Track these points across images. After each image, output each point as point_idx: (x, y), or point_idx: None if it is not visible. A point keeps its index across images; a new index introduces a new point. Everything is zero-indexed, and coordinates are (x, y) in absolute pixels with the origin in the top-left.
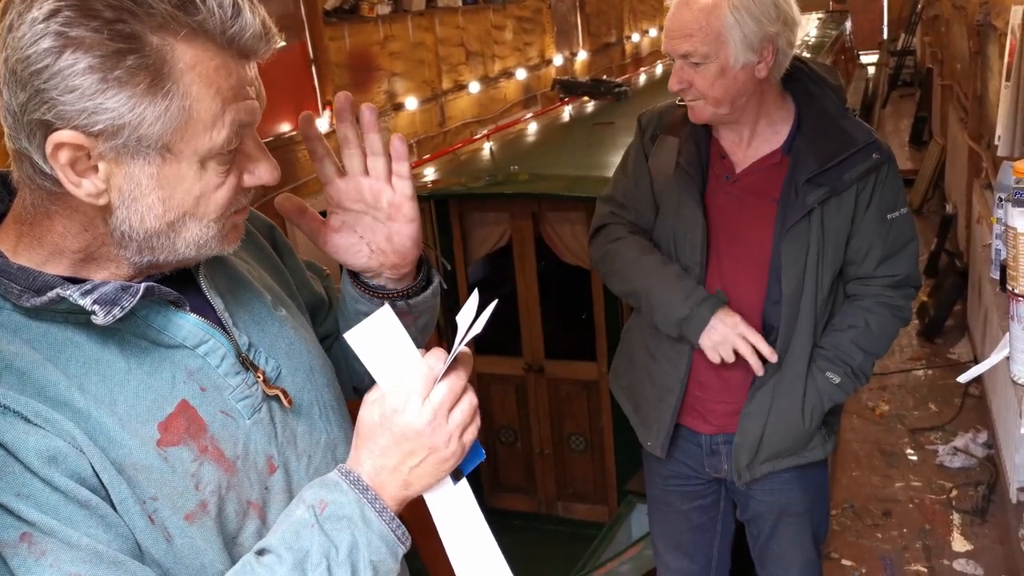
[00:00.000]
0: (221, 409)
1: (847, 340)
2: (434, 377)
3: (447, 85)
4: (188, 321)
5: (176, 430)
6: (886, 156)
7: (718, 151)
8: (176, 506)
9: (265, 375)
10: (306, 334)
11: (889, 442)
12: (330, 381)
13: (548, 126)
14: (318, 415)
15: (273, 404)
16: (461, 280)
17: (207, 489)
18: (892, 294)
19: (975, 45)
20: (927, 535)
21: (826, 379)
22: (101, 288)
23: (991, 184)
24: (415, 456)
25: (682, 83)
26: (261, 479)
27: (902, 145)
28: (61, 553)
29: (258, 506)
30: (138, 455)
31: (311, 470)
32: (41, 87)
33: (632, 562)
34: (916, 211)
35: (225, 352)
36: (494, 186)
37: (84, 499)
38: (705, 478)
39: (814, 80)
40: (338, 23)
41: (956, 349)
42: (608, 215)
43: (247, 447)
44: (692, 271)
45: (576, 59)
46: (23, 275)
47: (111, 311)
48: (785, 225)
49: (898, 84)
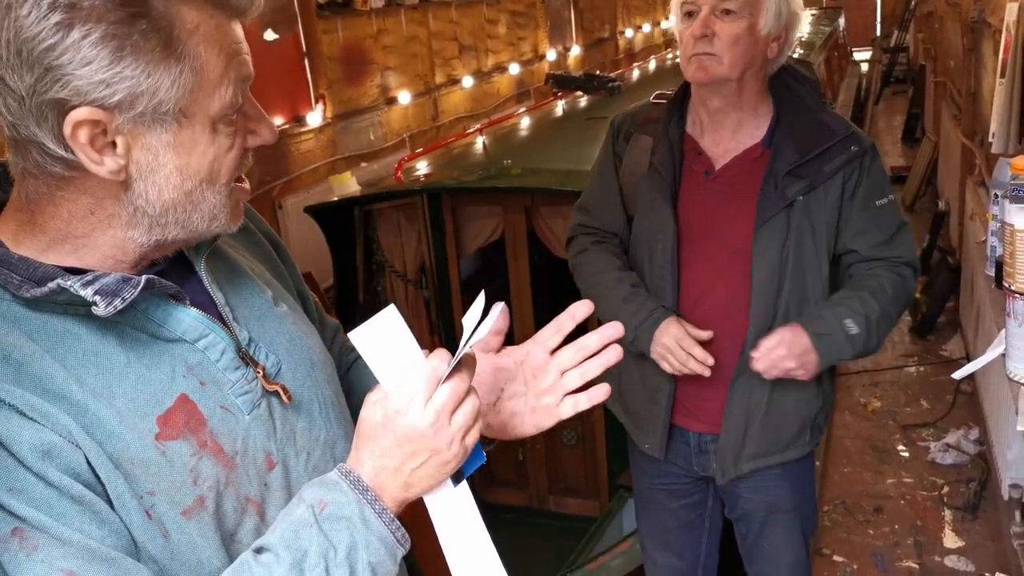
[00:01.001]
0: (220, 404)
1: (866, 292)
2: (438, 378)
3: (440, 79)
4: (188, 315)
5: (175, 424)
6: (866, 147)
7: (694, 148)
8: (174, 501)
9: (265, 371)
10: (307, 329)
11: (881, 438)
12: (330, 377)
13: (541, 121)
14: (318, 411)
15: (272, 400)
16: (453, 275)
17: (205, 484)
18: (899, 267)
19: (969, 42)
20: (918, 531)
21: (843, 328)
22: (102, 279)
23: (984, 181)
24: (417, 457)
25: (707, 30)
26: (260, 475)
27: (895, 142)
28: (53, 549)
29: (256, 503)
30: (136, 449)
31: (310, 467)
32: (53, 64)
33: (623, 556)
34: (908, 208)
35: (225, 347)
36: (487, 180)
37: (78, 494)
38: (693, 476)
39: (793, 75)
40: (331, 16)
41: (948, 346)
42: (575, 226)
43: (246, 443)
44: (665, 270)
45: (569, 54)
46: (23, 265)
47: (112, 302)
48: (763, 216)
49: (891, 81)
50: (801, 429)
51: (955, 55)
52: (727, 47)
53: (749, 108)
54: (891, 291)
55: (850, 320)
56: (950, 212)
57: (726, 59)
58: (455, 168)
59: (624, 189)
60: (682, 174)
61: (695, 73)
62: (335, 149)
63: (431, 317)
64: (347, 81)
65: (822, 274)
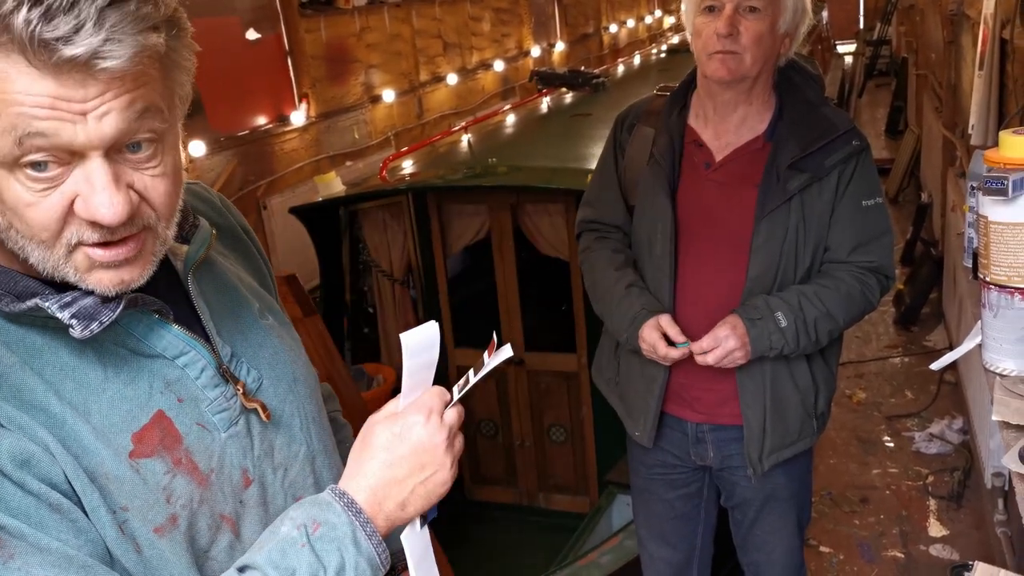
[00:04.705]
0: (197, 421)
1: (812, 290)
2: (446, 402)
3: (424, 77)
4: (170, 332)
5: (150, 441)
6: (864, 144)
7: (694, 140)
8: (146, 518)
9: (245, 387)
10: (291, 343)
11: (866, 429)
12: (312, 392)
13: (526, 118)
14: (299, 427)
15: (252, 417)
16: (440, 273)
17: (178, 503)
18: (864, 275)
19: (949, 35)
20: (904, 521)
21: (773, 318)
22: (80, 301)
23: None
24: (424, 471)
25: (731, 28)
26: (235, 493)
27: (878, 134)
28: (30, 557)
29: (232, 520)
30: (110, 465)
31: (287, 483)
32: None
33: (613, 552)
34: (892, 200)
35: (205, 364)
36: (472, 178)
37: (56, 503)
38: (690, 466)
39: (795, 69)
40: (314, 15)
41: (932, 337)
42: (580, 222)
43: (222, 460)
44: (664, 261)
45: (554, 50)
46: (6, 278)
47: (88, 326)
48: (765, 209)
49: (874, 74)
50: (805, 417)
51: (936, 48)
52: (751, 45)
53: (756, 102)
54: (844, 295)
55: (781, 313)
56: (933, 204)
57: (748, 57)
58: (440, 167)
59: (625, 180)
60: (682, 165)
61: (717, 70)
62: (319, 148)
63: (418, 316)
64: (331, 80)
65: (804, 266)
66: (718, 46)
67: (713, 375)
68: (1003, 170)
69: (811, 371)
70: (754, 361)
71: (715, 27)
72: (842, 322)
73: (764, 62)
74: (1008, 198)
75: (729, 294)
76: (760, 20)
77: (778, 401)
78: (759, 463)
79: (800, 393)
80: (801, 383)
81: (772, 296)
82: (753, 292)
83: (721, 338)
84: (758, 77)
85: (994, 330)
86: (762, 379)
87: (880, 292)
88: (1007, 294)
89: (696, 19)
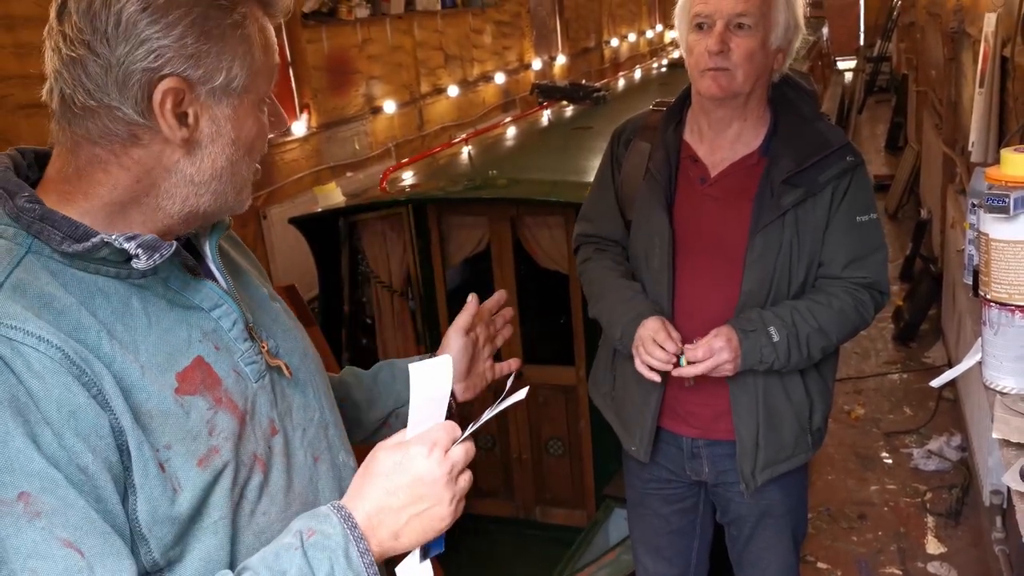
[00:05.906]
0: (233, 368)
1: (805, 305)
2: (454, 438)
3: (426, 88)
4: (205, 286)
5: (193, 380)
6: (859, 159)
7: (689, 155)
8: (189, 451)
9: (267, 348)
10: (297, 325)
11: (864, 445)
12: (320, 368)
13: (527, 130)
14: (312, 394)
15: (274, 374)
16: (439, 285)
17: (220, 435)
18: (858, 291)
19: (949, 52)
20: (902, 538)
21: (767, 332)
22: (140, 237)
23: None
24: (422, 503)
25: (722, 46)
26: (265, 437)
27: (878, 150)
28: (55, 517)
29: (263, 461)
30: (157, 401)
31: (305, 442)
32: (150, 37)
33: (610, 567)
34: (892, 216)
35: (236, 318)
36: (472, 190)
37: (83, 465)
38: (686, 481)
39: (790, 85)
40: (316, 25)
41: (931, 353)
42: (578, 236)
43: (254, 406)
44: (661, 275)
45: (555, 63)
46: (66, 224)
47: (152, 256)
48: (759, 224)
49: (874, 90)
50: (800, 432)
51: (936, 65)
52: (742, 62)
53: (751, 118)
54: (837, 311)
55: (774, 328)
56: (932, 220)
57: (740, 74)
58: (441, 178)
59: (622, 194)
60: (678, 180)
61: (709, 87)
62: (320, 159)
63: (417, 328)
64: (332, 90)
65: (798, 281)
66: (709, 63)
67: (708, 390)
68: (1004, 188)
69: (806, 385)
70: (747, 375)
71: (706, 44)
72: (835, 338)
73: (757, 78)
74: (1009, 216)
75: (724, 308)
76: (751, 36)
77: (772, 415)
78: (752, 478)
79: (794, 407)
80: (795, 397)
81: (766, 310)
82: (747, 306)
83: (716, 349)
84: (751, 93)
85: (994, 348)
86: (755, 393)
87: (874, 308)
88: (1008, 312)
89: (688, 36)
